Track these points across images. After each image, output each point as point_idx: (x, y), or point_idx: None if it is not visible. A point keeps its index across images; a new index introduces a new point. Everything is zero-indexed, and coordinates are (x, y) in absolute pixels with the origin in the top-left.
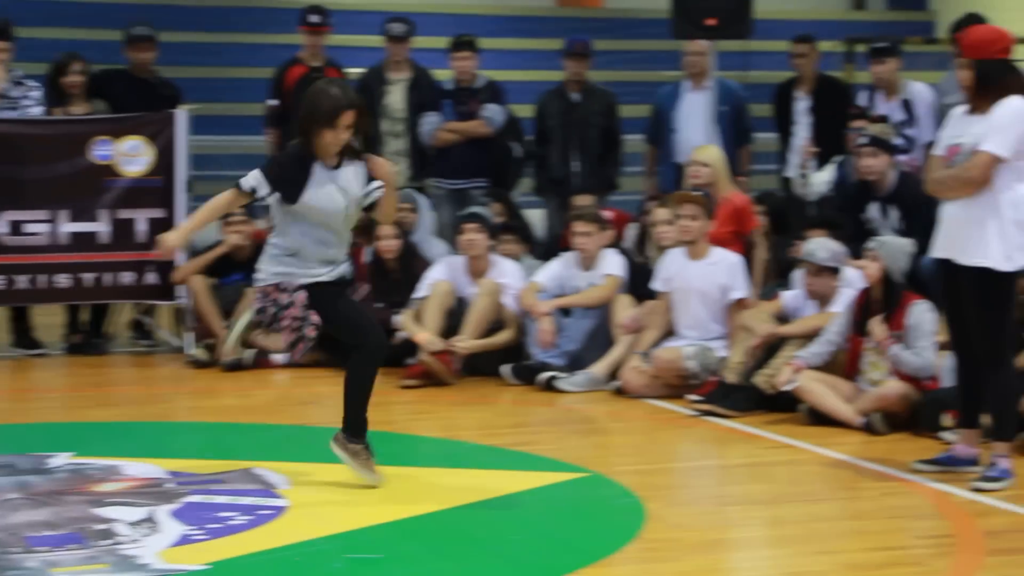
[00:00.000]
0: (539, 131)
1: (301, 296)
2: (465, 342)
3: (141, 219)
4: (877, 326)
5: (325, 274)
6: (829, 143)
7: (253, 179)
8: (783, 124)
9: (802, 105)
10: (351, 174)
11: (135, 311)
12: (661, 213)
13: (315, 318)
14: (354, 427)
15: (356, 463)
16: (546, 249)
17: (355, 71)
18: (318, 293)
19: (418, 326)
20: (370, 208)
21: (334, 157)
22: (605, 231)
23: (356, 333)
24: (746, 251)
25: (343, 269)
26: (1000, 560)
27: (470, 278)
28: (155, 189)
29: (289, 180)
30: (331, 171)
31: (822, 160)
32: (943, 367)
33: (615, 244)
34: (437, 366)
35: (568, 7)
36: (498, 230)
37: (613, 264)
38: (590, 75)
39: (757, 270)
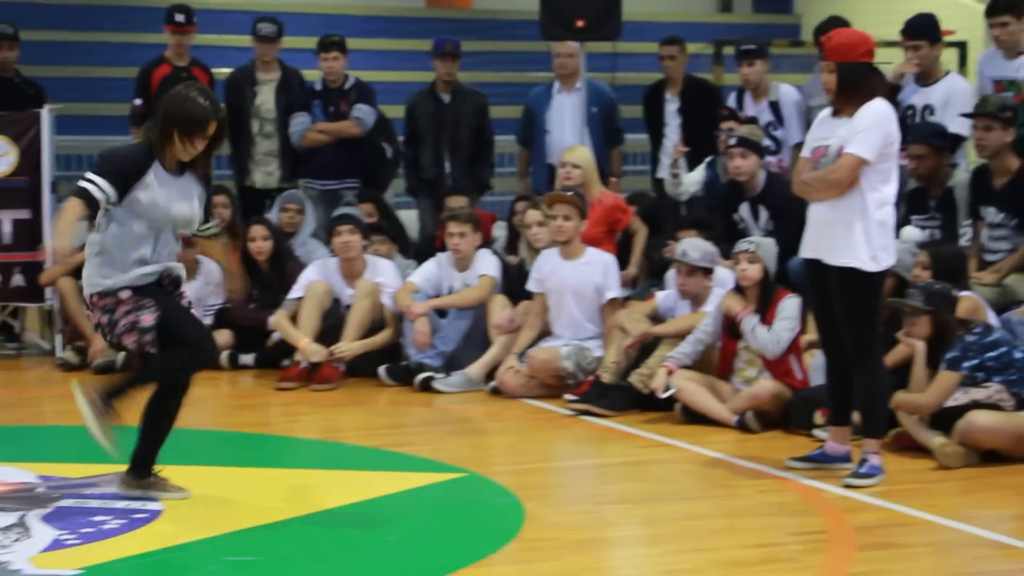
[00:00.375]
0: (410, 132)
1: (125, 293)
2: (345, 347)
3: (6, 220)
4: (732, 299)
5: (142, 277)
6: (699, 144)
7: (97, 188)
8: (653, 125)
9: (671, 107)
10: (190, 185)
11: (2, 313)
12: (533, 214)
13: (148, 305)
14: (110, 392)
15: (93, 414)
16: (419, 249)
17: (221, 71)
18: (142, 290)
19: (296, 330)
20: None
21: (176, 164)
22: (478, 232)
23: (183, 333)
24: (621, 247)
25: (161, 269)
26: (871, 555)
27: (345, 280)
28: (20, 189)
29: (125, 177)
30: (171, 175)
31: (693, 161)
32: (814, 366)
33: (485, 244)
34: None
35: (437, 7)
36: (370, 231)
37: (487, 265)
38: (460, 76)
39: (637, 251)
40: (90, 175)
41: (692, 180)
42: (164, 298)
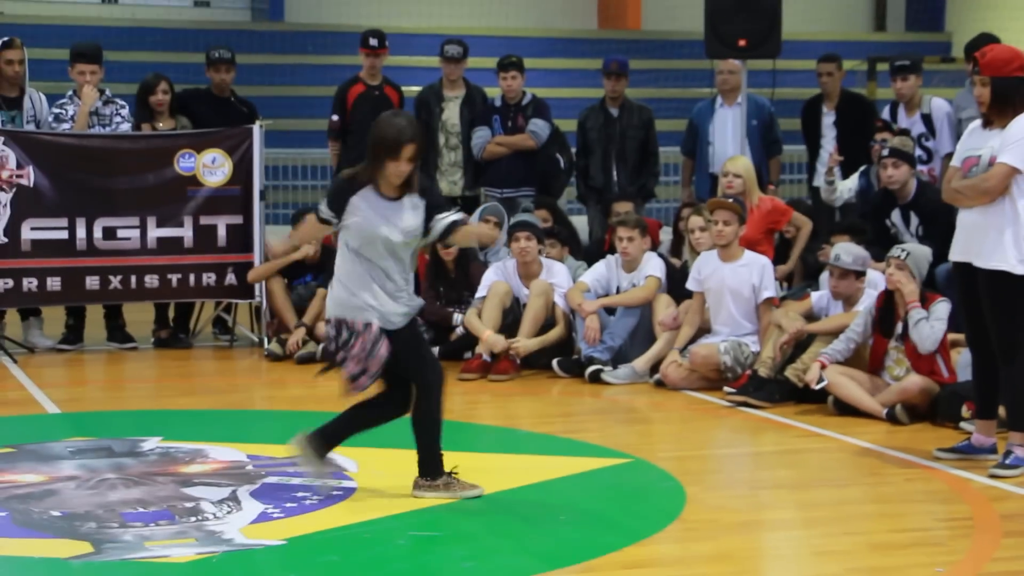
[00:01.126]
0: (581, 143)
1: (373, 328)
2: (521, 343)
3: (221, 225)
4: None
5: (398, 316)
6: (853, 154)
7: (324, 210)
8: (810, 137)
9: (828, 119)
10: (407, 207)
11: (216, 309)
12: (696, 220)
13: (383, 352)
14: (428, 466)
15: (449, 494)
16: (589, 252)
17: (411, 89)
18: (394, 334)
19: (481, 325)
20: (444, 235)
21: (394, 189)
22: (646, 236)
23: (418, 372)
24: (783, 247)
25: (410, 305)
26: (1016, 541)
27: (522, 280)
28: (234, 197)
29: (340, 203)
30: (386, 201)
31: (847, 170)
32: (960, 362)
33: (652, 248)
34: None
35: (608, 29)
36: (544, 235)
37: (654, 267)
38: (629, 91)
39: (798, 247)
40: (321, 206)
41: (846, 187)
42: (409, 339)
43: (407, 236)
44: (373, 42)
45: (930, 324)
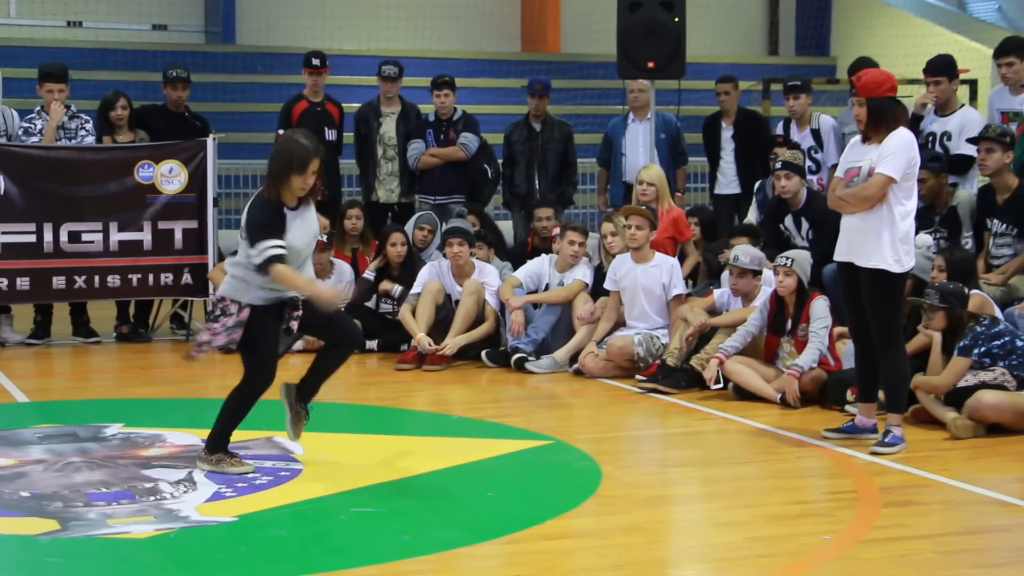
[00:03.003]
0: (507, 155)
1: (245, 313)
2: (451, 341)
3: (178, 229)
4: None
5: (264, 300)
6: (749, 164)
7: (273, 248)
8: (711, 149)
9: (726, 134)
10: (310, 214)
11: (174, 306)
12: (607, 226)
13: (235, 336)
14: (214, 442)
15: (217, 468)
16: (513, 253)
17: (351, 105)
18: (258, 313)
19: (415, 323)
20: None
21: (295, 199)
22: (585, 238)
23: (254, 360)
24: (681, 256)
25: (284, 296)
26: (893, 511)
27: (456, 279)
28: (189, 204)
29: (277, 228)
30: (294, 211)
31: (744, 179)
32: (845, 352)
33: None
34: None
35: (530, 51)
36: (475, 239)
37: (583, 271)
38: (550, 108)
39: (687, 268)
40: (268, 243)
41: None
42: (268, 324)
43: (312, 240)
44: (315, 62)
45: (810, 341)
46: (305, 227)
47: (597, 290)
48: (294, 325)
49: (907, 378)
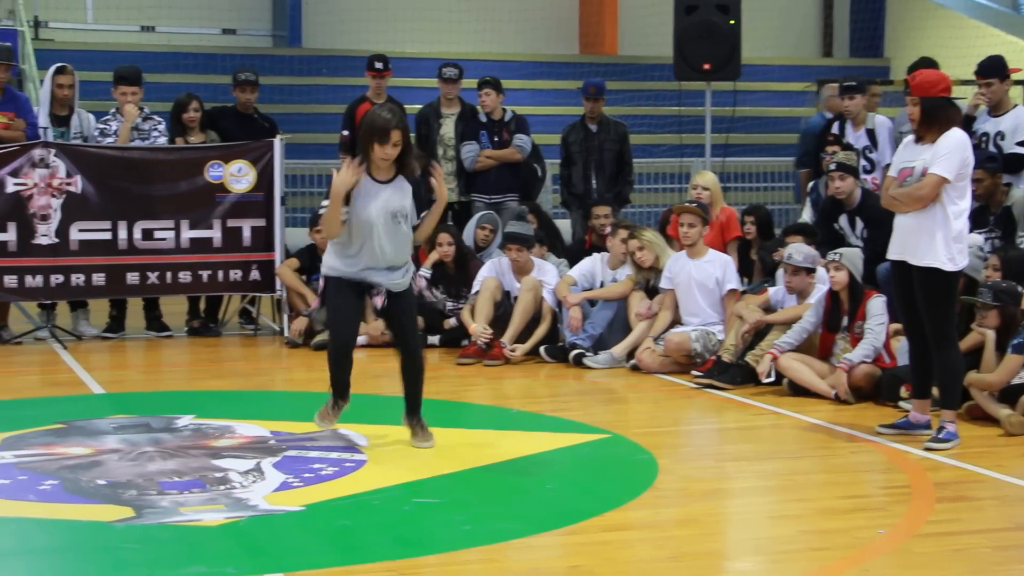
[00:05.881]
0: (564, 156)
1: (320, 283)
2: (518, 349)
3: (246, 227)
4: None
5: (339, 273)
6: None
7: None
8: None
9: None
10: (395, 189)
11: (242, 301)
12: (634, 243)
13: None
14: (335, 388)
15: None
16: (570, 250)
17: (412, 107)
18: (332, 282)
19: (471, 319)
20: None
21: (384, 172)
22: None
23: (329, 324)
24: (743, 247)
25: (371, 276)
26: (947, 506)
27: (515, 275)
28: (257, 203)
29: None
30: (377, 184)
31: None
32: (899, 349)
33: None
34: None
35: (588, 53)
36: (533, 242)
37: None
38: (606, 109)
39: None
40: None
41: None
42: (342, 296)
43: (396, 214)
44: (378, 65)
45: (865, 336)
46: (382, 200)
47: (647, 289)
48: (378, 301)
49: (961, 375)
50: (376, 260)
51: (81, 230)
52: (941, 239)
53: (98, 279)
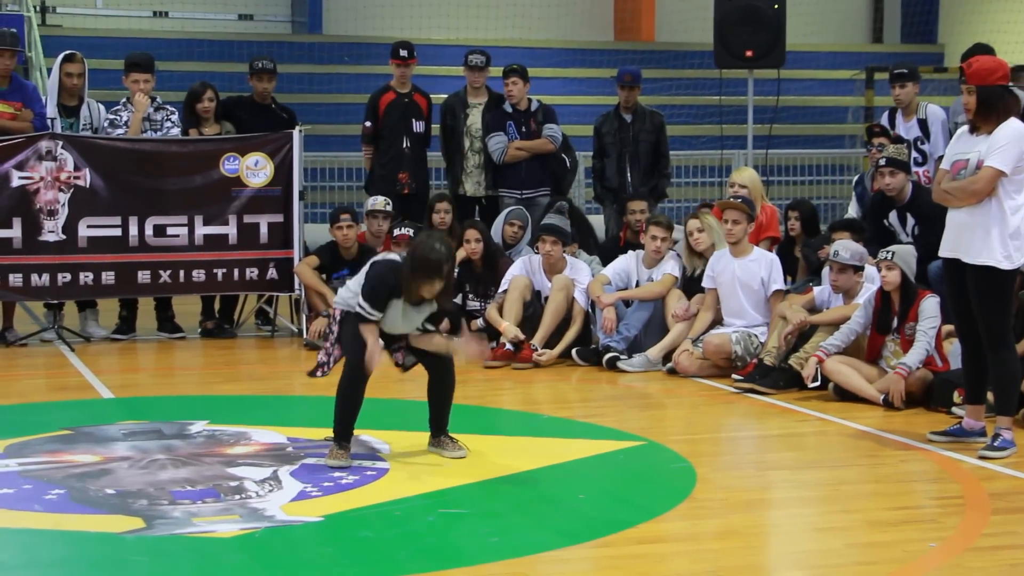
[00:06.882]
0: (597, 147)
1: (338, 313)
2: (546, 354)
3: (263, 223)
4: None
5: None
6: None
7: (368, 313)
8: None
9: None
10: (423, 309)
11: (259, 301)
12: (693, 223)
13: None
14: (338, 433)
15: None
16: (604, 247)
17: (438, 96)
18: (349, 318)
19: (499, 318)
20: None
21: (415, 298)
22: (671, 236)
23: (346, 357)
24: (787, 243)
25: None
26: (1004, 518)
27: (546, 275)
28: (275, 197)
29: (381, 304)
30: (411, 306)
31: None
32: (952, 352)
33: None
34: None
35: (624, 40)
36: (572, 237)
37: (672, 266)
38: (642, 99)
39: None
40: (367, 307)
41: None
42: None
43: (407, 329)
44: (403, 53)
45: (917, 339)
46: (408, 319)
47: (682, 288)
48: (399, 357)
49: (1018, 379)
50: (396, 339)
51: (90, 226)
52: (997, 236)
53: (107, 278)
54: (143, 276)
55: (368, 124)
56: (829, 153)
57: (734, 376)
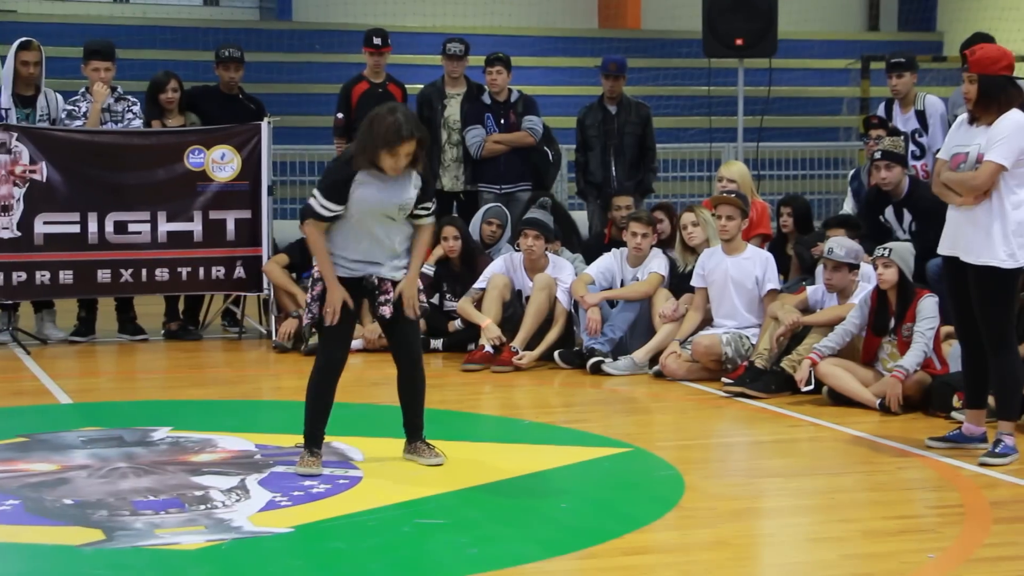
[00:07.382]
0: (580, 140)
1: (319, 288)
2: (526, 356)
3: (230, 219)
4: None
5: (347, 271)
6: None
7: (320, 207)
8: None
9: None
10: (405, 182)
11: (225, 302)
12: (688, 216)
13: (315, 312)
14: (308, 438)
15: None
16: (587, 245)
17: (414, 86)
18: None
19: (477, 313)
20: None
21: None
22: (655, 233)
23: (321, 338)
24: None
25: (373, 270)
26: (1005, 528)
27: (527, 273)
28: (242, 192)
29: (339, 191)
30: (380, 177)
31: None
32: (951, 354)
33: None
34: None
35: (608, 28)
36: (556, 234)
37: (659, 264)
38: (628, 89)
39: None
40: (320, 200)
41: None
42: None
43: (403, 208)
44: (376, 41)
45: (914, 341)
46: (391, 191)
47: (673, 285)
48: (386, 311)
49: (1020, 383)
50: (378, 253)
51: (47, 223)
52: (998, 233)
53: (65, 277)
54: (103, 275)
55: (340, 116)
56: (823, 146)
57: (724, 379)
